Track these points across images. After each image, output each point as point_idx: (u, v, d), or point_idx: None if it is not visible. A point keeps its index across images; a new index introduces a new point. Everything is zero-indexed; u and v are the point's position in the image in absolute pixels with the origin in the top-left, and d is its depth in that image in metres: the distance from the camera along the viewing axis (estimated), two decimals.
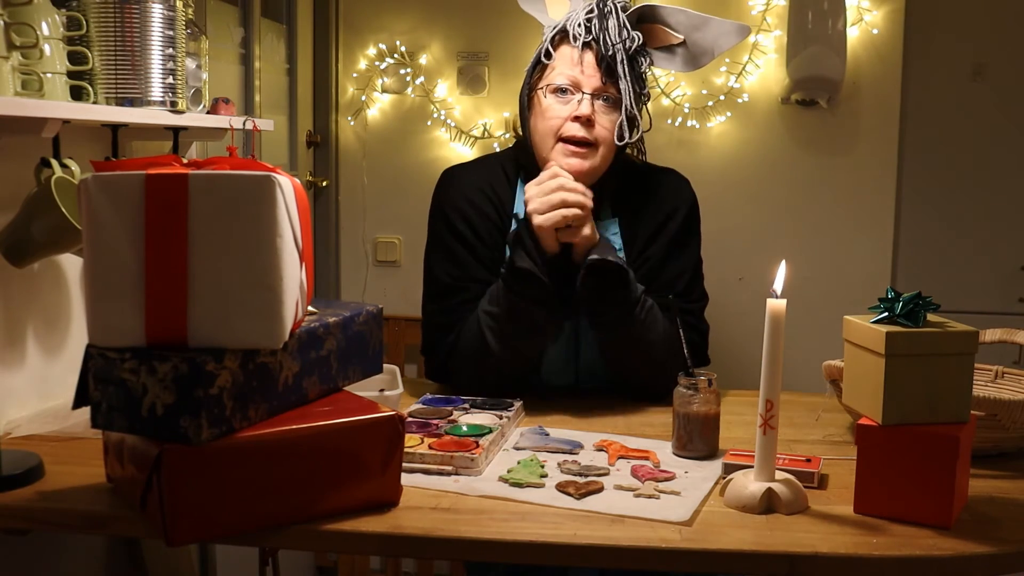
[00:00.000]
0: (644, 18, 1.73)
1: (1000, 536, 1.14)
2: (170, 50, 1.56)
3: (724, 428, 1.44)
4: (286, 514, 1.14)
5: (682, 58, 1.75)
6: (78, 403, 1.16)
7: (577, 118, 1.66)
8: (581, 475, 1.31)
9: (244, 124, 1.73)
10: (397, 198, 2.81)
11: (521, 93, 1.76)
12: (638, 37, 1.68)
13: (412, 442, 1.36)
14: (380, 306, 1.39)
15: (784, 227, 2.73)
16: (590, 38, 1.67)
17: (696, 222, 1.80)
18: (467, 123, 2.75)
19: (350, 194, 2.85)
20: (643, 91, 1.72)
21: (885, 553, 1.10)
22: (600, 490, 1.26)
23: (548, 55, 1.71)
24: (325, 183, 2.79)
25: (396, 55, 2.74)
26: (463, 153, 2.73)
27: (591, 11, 1.69)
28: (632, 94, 1.67)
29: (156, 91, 1.55)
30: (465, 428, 1.44)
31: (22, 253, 1.45)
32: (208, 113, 1.79)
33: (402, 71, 2.74)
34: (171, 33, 1.56)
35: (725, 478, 1.28)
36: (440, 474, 1.31)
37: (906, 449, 1.18)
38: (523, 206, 1.63)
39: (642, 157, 1.83)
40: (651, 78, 2.55)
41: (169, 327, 1.08)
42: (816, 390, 1.72)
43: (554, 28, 1.72)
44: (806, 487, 1.25)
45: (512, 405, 1.58)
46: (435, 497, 1.23)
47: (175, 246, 1.08)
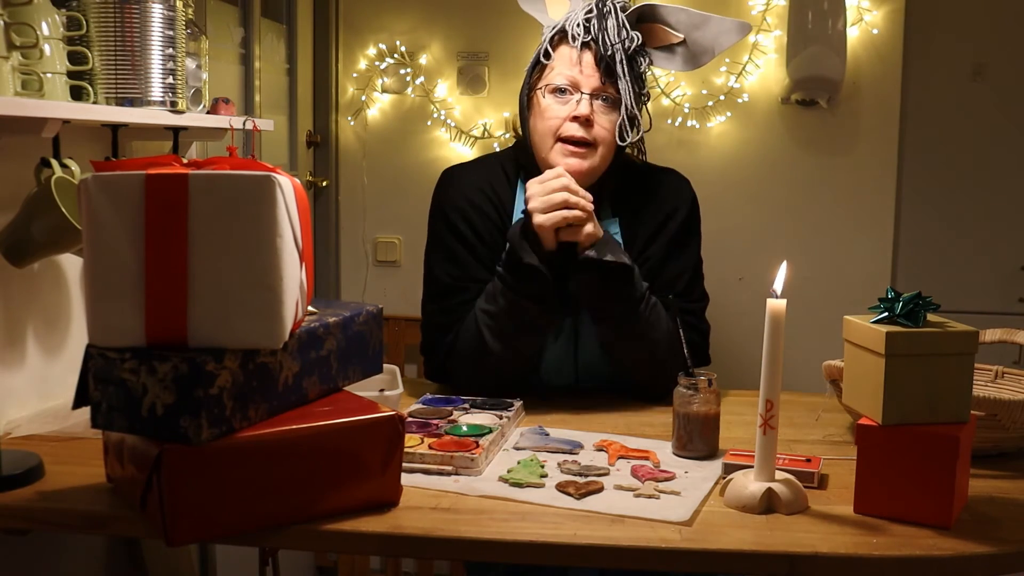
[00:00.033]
0: (644, 17, 1.73)
1: (1000, 536, 1.14)
2: (170, 50, 1.56)
3: (724, 428, 1.44)
4: (286, 514, 1.14)
5: (682, 57, 1.75)
6: (78, 403, 1.16)
7: (576, 118, 1.66)
8: (581, 475, 1.31)
9: (244, 124, 1.73)
10: (397, 198, 2.81)
11: (521, 93, 1.76)
12: (637, 37, 1.68)
13: (412, 442, 1.36)
14: (380, 306, 1.39)
15: (784, 227, 2.73)
16: (589, 38, 1.67)
17: (696, 222, 1.80)
18: (467, 123, 2.75)
19: (350, 194, 2.85)
20: (642, 91, 1.72)
21: (885, 553, 1.10)
22: (600, 490, 1.26)
23: (547, 55, 1.71)
24: (325, 183, 2.79)
25: (396, 55, 2.74)
26: (463, 153, 2.73)
27: (590, 11, 1.68)
28: (631, 94, 1.67)
29: (156, 91, 1.55)
30: (465, 428, 1.44)
31: (22, 253, 1.45)
32: (208, 113, 1.79)
33: (402, 71, 2.74)
34: (171, 33, 1.56)
35: (725, 478, 1.28)
36: (440, 474, 1.31)
37: (906, 449, 1.18)
38: (524, 205, 1.63)
39: (642, 157, 1.83)
40: (651, 78, 2.56)
41: (169, 327, 1.08)
42: (816, 390, 1.72)
43: (553, 28, 1.72)
44: (806, 487, 1.25)
45: (512, 405, 1.58)
46: (435, 497, 1.23)
47: (175, 246, 1.08)
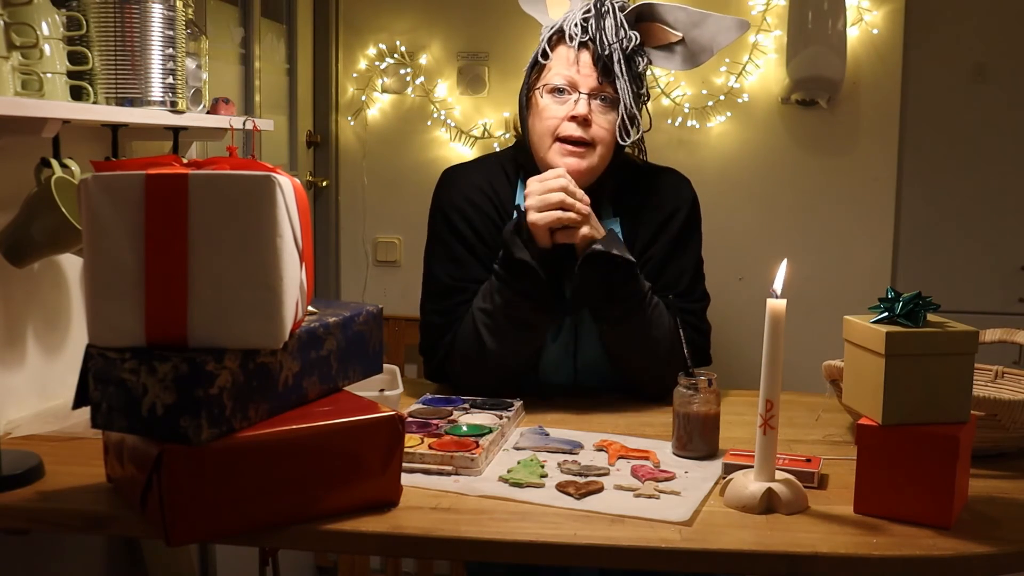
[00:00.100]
0: (642, 17, 1.73)
1: (1000, 536, 1.14)
2: (170, 50, 1.56)
3: (724, 428, 1.44)
4: (286, 514, 1.14)
5: (681, 56, 1.75)
6: (78, 403, 1.16)
7: (574, 118, 1.66)
8: (581, 475, 1.31)
9: (244, 124, 1.73)
10: (397, 198, 2.81)
11: (520, 93, 1.76)
12: (635, 36, 1.68)
13: (412, 442, 1.35)
14: (380, 306, 1.39)
15: (784, 227, 2.73)
16: (586, 38, 1.67)
17: (697, 221, 1.80)
18: (467, 123, 2.75)
19: (350, 194, 2.85)
20: (641, 90, 1.72)
21: (885, 553, 1.10)
22: (600, 490, 1.26)
23: (545, 55, 1.71)
24: (325, 183, 2.79)
25: (396, 55, 2.74)
26: (463, 153, 2.73)
27: (588, 11, 1.68)
28: (630, 93, 1.67)
29: (156, 91, 1.55)
30: (465, 428, 1.44)
31: (22, 253, 1.45)
32: (208, 113, 1.79)
33: (402, 71, 2.74)
34: (171, 33, 1.56)
35: (725, 478, 1.28)
36: (440, 474, 1.31)
37: (906, 449, 1.18)
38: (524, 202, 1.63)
39: (643, 157, 1.83)
40: (651, 78, 2.56)
41: (169, 327, 1.08)
42: (816, 390, 1.72)
43: (551, 28, 1.72)
44: (806, 487, 1.25)
45: (512, 405, 1.58)
46: (435, 497, 1.23)
47: (175, 246, 1.08)
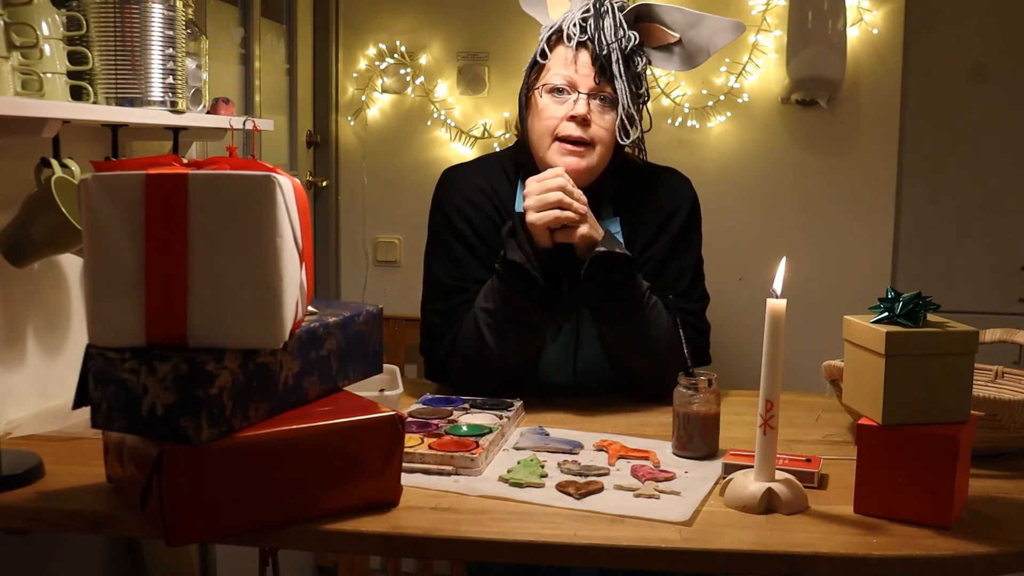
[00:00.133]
0: (641, 17, 1.73)
1: (1000, 536, 1.14)
2: (170, 50, 1.56)
3: (724, 428, 1.44)
4: (286, 514, 1.14)
5: (679, 57, 1.75)
6: (78, 403, 1.16)
7: (573, 118, 1.66)
8: (581, 475, 1.31)
9: (244, 124, 1.73)
10: (397, 198, 2.81)
11: (520, 93, 1.76)
12: (634, 36, 1.68)
13: (412, 442, 1.35)
14: (380, 306, 1.39)
15: (784, 227, 2.73)
16: (585, 38, 1.67)
17: (697, 221, 1.80)
18: (467, 123, 2.75)
19: (350, 194, 2.85)
20: (640, 90, 1.72)
21: (885, 553, 1.10)
22: (600, 490, 1.26)
23: (544, 55, 1.71)
24: (325, 183, 2.79)
25: (396, 55, 2.74)
26: (463, 153, 2.73)
27: (587, 11, 1.69)
28: (629, 93, 1.66)
29: (156, 91, 1.55)
30: (465, 428, 1.44)
31: (22, 253, 1.45)
32: (208, 113, 1.79)
33: (402, 71, 2.74)
34: (171, 33, 1.56)
35: (725, 478, 1.28)
36: (440, 474, 1.31)
37: (906, 449, 1.18)
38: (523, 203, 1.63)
39: (643, 156, 1.83)
40: (651, 78, 2.56)
41: (169, 327, 1.08)
42: (816, 390, 1.72)
43: (550, 28, 1.72)
44: (806, 487, 1.25)
45: (512, 405, 1.58)
46: (435, 497, 1.23)
47: (175, 246, 1.08)
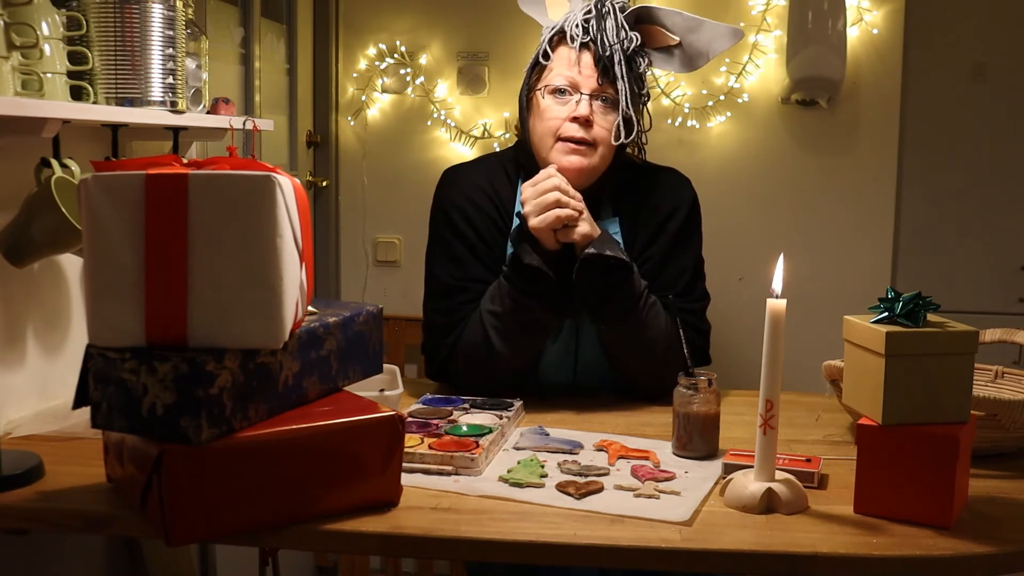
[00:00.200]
0: (641, 19, 1.73)
1: (1000, 536, 1.14)
2: (170, 50, 1.56)
3: (724, 428, 1.44)
4: (286, 514, 1.14)
5: (679, 59, 1.75)
6: (78, 403, 1.16)
7: (575, 119, 1.66)
8: (581, 475, 1.31)
9: (244, 124, 1.73)
10: (397, 198, 2.81)
11: (520, 94, 1.76)
12: (636, 38, 1.68)
13: (412, 442, 1.35)
14: (380, 306, 1.39)
15: (784, 227, 2.73)
16: (587, 39, 1.67)
17: (697, 221, 1.80)
18: (467, 123, 2.75)
19: (350, 194, 2.85)
20: (641, 91, 1.72)
21: (885, 553, 1.10)
22: (600, 490, 1.26)
23: (546, 56, 1.71)
24: (325, 183, 2.79)
25: (396, 55, 2.74)
26: (463, 153, 2.73)
27: (589, 12, 1.69)
28: (630, 94, 1.66)
29: (156, 91, 1.55)
30: (465, 428, 1.44)
31: (22, 253, 1.45)
32: (208, 113, 1.79)
33: (402, 71, 2.74)
34: (171, 33, 1.56)
35: (725, 478, 1.28)
36: (440, 474, 1.31)
37: (906, 449, 1.18)
38: (521, 207, 1.63)
39: (642, 156, 1.83)
40: (651, 78, 2.56)
41: (169, 327, 1.08)
42: (816, 390, 1.72)
43: (552, 29, 1.72)
44: (806, 487, 1.25)
45: (512, 405, 1.58)
46: (435, 497, 1.23)
47: (175, 246, 1.08)
